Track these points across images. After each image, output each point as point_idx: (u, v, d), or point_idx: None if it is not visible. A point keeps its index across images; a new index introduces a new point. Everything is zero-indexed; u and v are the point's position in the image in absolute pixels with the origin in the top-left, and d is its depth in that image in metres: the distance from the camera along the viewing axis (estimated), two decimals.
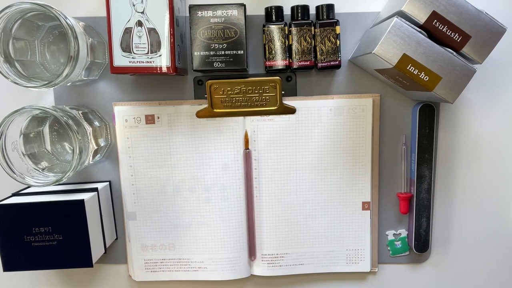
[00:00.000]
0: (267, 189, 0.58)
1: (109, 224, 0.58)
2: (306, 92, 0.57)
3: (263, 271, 0.60)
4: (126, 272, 0.62)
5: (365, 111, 0.56)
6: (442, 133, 0.58)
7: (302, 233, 0.59)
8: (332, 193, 0.58)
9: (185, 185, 0.58)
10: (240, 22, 0.50)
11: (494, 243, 0.61)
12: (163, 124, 0.57)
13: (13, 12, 0.46)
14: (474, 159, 0.59)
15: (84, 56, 0.48)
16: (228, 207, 0.58)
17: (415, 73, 0.45)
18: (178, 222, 0.59)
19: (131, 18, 0.48)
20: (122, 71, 0.49)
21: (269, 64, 0.54)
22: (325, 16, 0.53)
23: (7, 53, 0.48)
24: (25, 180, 0.49)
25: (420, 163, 0.56)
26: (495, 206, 0.60)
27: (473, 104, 0.58)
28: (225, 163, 0.57)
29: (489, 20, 0.45)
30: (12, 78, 0.47)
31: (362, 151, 0.57)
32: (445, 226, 0.60)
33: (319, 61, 0.53)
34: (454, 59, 0.45)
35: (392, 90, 0.57)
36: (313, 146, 0.57)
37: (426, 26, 0.45)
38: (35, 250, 0.52)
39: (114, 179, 0.59)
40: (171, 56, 0.48)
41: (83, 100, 0.57)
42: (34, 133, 0.54)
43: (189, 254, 0.60)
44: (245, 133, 0.57)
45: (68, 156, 0.56)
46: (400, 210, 0.58)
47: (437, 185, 0.60)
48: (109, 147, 0.58)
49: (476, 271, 0.62)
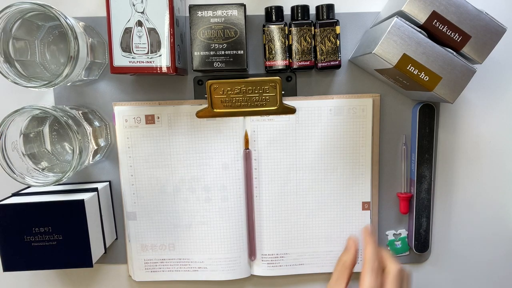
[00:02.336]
0: (267, 189, 0.58)
1: (109, 224, 0.58)
2: (306, 92, 0.57)
3: (263, 271, 0.60)
4: (126, 272, 0.62)
5: (365, 111, 0.56)
6: (442, 133, 0.58)
7: (302, 233, 0.59)
8: (332, 193, 0.59)
9: (185, 185, 0.58)
10: (240, 22, 0.50)
11: (494, 243, 0.61)
12: (163, 124, 0.57)
13: (13, 12, 0.46)
14: (474, 159, 0.59)
15: (84, 56, 0.48)
16: (228, 207, 0.58)
17: (415, 73, 0.45)
18: (178, 222, 0.59)
19: (131, 18, 0.48)
20: (122, 71, 0.49)
21: (269, 64, 0.54)
22: (325, 16, 0.53)
23: (7, 53, 0.48)
24: (25, 180, 0.49)
25: (420, 163, 0.56)
26: (495, 206, 0.60)
27: (473, 104, 0.58)
28: (225, 163, 0.57)
29: (489, 20, 0.45)
30: (12, 78, 0.47)
31: (362, 151, 0.57)
32: (445, 226, 0.60)
33: (319, 61, 0.53)
34: (454, 59, 0.45)
35: (392, 90, 0.57)
36: (313, 146, 0.57)
37: (426, 26, 0.45)
38: (35, 250, 0.52)
39: (114, 179, 0.59)
40: (171, 56, 0.48)
41: (83, 100, 0.57)
42: (34, 133, 0.54)
43: (189, 254, 0.60)
44: (245, 133, 0.57)
45: (68, 156, 0.56)
46: (400, 210, 0.58)
47: (437, 185, 0.60)
48: (109, 147, 0.58)
49: (476, 271, 0.62)
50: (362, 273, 0.47)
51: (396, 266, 0.47)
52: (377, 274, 0.47)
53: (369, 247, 0.48)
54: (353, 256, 0.50)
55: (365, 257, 0.48)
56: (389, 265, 0.48)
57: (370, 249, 0.48)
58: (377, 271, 0.47)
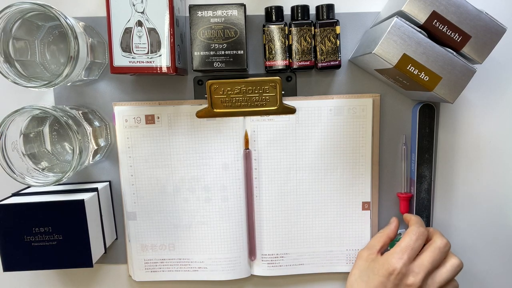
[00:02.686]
0: (267, 189, 0.58)
1: (109, 224, 0.58)
2: (306, 92, 0.57)
3: (263, 271, 0.60)
4: (126, 272, 0.62)
5: (365, 111, 0.56)
6: (442, 133, 0.58)
7: (302, 233, 0.59)
8: (332, 193, 0.59)
9: (185, 185, 0.58)
10: (240, 22, 0.50)
11: (494, 243, 0.61)
12: (163, 124, 0.57)
13: (13, 12, 0.46)
14: (474, 159, 0.59)
15: (84, 56, 0.48)
16: (228, 207, 0.58)
17: (415, 73, 0.45)
18: (178, 222, 0.59)
19: (131, 18, 0.48)
20: (122, 71, 0.49)
21: (269, 64, 0.54)
22: (325, 16, 0.53)
23: (7, 53, 0.48)
24: (25, 180, 0.49)
25: (420, 163, 0.56)
26: (495, 206, 0.60)
27: (473, 104, 0.58)
28: (225, 163, 0.57)
29: (489, 20, 0.45)
30: (12, 78, 0.47)
31: (362, 151, 0.57)
32: (445, 226, 0.60)
33: (319, 61, 0.53)
34: (454, 59, 0.45)
35: (392, 90, 0.57)
36: (313, 146, 0.57)
37: (426, 26, 0.45)
38: (35, 250, 0.52)
39: (114, 179, 0.59)
40: (171, 56, 0.48)
41: (83, 100, 0.57)
42: (34, 133, 0.54)
43: (189, 254, 0.60)
44: (245, 133, 0.57)
45: (68, 156, 0.56)
46: (400, 210, 0.58)
47: (437, 185, 0.60)
48: (109, 147, 0.58)
49: (476, 271, 0.62)
50: (405, 234, 0.50)
51: (442, 239, 0.48)
52: (418, 239, 0.48)
53: (414, 217, 0.53)
54: (393, 227, 0.54)
55: (411, 221, 0.51)
56: (436, 237, 0.49)
57: (416, 218, 0.52)
58: (419, 235, 0.49)
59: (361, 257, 0.53)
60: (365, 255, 0.53)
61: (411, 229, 0.50)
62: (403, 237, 0.50)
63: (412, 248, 0.48)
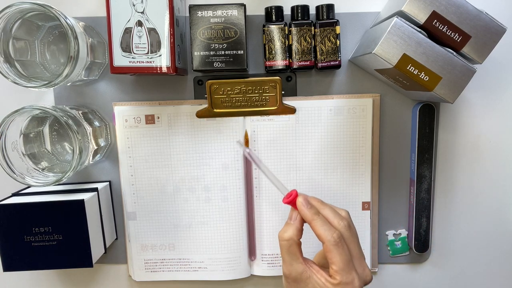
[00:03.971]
0: (267, 189, 0.58)
1: (109, 224, 0.58)
2: (306, 92, 0.57)
3: (263, 271, 0.60)
4: (126, 272, 0.62)
5: (365, 111, 0.56)
6: (442, 133, 0.58)
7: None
8: (332, 193, 0.58)
9: (185, 185, 0.58)
10: (240, 22, 0.50)
11: (494, 243, 0.61)
12: (163, 124, 0.57)
13: (13, 12, 0.46)
14: (474, 159, 0.59)
15: (84, 56, 0.48)
16: (228, 207, 0.58)
17: (415, 73, 0.45)
18: (178, 222, 0.59)
19: (131, 18, 0.48)
20: (122, 71, 0.49)
21: (269, 64, 0.54)
22: (325, 16, 0.53)
23: (7, 53, 0.48)
24: (25, 180, 0.49)
25: (420, 163, 0.56)
26: (495, 206, 0.60)
27: (473, 104, 0.58)
28: (225, 163, 0.57)
29: (489, 20, 0.45)
30: (12, 78, 0.47)
31: (362, 151, 0.57)
32: (445, 226, 0.60)
33: (319, 61, 0.53)
34: (454, 59, 0.45)
35: (392, 90, 0.57)
36: (313, 146, 0.57)
37: (426, 26, 0.45)
38: (35, 250, 0.52)
39: (114, 179, 0.59)
40: (171, 56, 0.48)
41: (83, 100, 0.57)
42: (34, 133, 0.54)
43: (189, 254, 0.60)
44: (245, 133, 0.57)
45: (68, 156, 0.56)
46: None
47: (437, 185, 0.60)
48: (109, 147, 0.58)
49: (476, 271, 0.62)
50: (314, 228, 0.44)
51: (326, 235, 0.43)
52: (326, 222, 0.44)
53: (301, 197, 0.46)
54: (297, 227, 0.47)
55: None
56: (322, 238, 0.44)
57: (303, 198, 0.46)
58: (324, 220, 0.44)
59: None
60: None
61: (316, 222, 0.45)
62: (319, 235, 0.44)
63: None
